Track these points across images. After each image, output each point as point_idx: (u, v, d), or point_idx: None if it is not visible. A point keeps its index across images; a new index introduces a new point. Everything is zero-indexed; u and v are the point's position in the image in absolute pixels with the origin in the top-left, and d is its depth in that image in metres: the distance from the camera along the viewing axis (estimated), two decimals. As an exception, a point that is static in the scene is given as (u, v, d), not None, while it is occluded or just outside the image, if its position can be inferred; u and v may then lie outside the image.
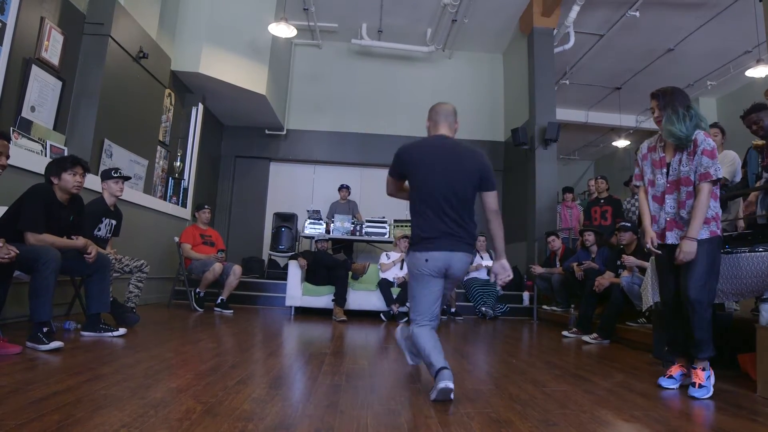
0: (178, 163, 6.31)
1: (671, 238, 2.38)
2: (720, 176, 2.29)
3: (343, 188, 7.27)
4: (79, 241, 2.94)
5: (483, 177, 2.19)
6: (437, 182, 2.13)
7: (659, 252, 2.46)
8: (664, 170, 2.42)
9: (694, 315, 2.26)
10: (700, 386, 2.19)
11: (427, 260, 2.11)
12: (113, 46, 4.45)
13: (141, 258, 3.83)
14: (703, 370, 2.25)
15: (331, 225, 6.37)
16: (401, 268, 5.43)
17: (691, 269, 2.29)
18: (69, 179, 2.89)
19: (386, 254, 5.65)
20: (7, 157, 2.49)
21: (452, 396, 1.90)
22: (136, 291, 3.75)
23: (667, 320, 2.52)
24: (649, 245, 2.47)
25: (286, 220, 7.12)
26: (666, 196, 2.41)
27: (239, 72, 6.26)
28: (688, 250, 2.25)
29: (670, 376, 2.40)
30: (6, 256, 2.32)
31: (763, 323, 2.35)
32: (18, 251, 2.39)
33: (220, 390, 1.92)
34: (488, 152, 8.11)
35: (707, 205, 2.28)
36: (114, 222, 3.65)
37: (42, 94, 3.85)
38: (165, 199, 5.94)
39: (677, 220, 2.37)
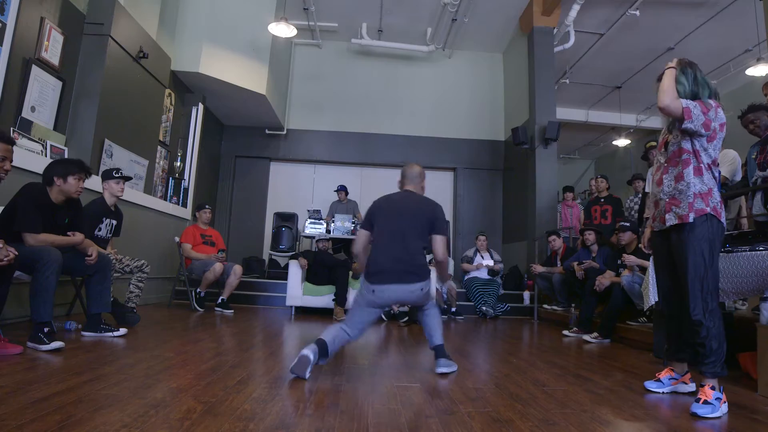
0: (179, 163, 6.32)
1: (670, 219, 2.13)
2: (695, 115, 2.04)
3: (341, 190, 7.21)
4: (77, 237, 2.93)
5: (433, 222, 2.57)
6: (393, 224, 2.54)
7: (650, 252, 2.40)
8: (663, 150, 2.25)
9: (698, 328, 2.02)
10: (706, 402, 1.88)
11: (374, 291, 2.41)
12: (113, 46, 4.45)
13: (141, 258, 3.83)
14: (712, 389, 1.93)
15: (332, 224, 6.36)
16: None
17: (684, 269, 2.06)
18: (73, 184, 2.88)
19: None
20: (11, 161, 2.48)
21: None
22: (137, 291, 3.75)
23: (665, 319, 2.38)
24: (641, 244, 2.45)
25: (287, 219, 7.13)
26: (663, 176, 2.20)
27: (239, 72, 6.26)
28: None
29: (658, 380, 2.28)
30: (5, 258, 2.32)
31: (763, 322, 2.34)
32: (18, 252, 2.39)
33: (220, 390, 1.92)
34: (488, 152, 8.24)
35: (674, 91, 2.09)
36: (114, 222, 3.66)
37: (42, 94, 3.85)
38: (165, 199, 5.94)
39: (676, 196, 2.13)
